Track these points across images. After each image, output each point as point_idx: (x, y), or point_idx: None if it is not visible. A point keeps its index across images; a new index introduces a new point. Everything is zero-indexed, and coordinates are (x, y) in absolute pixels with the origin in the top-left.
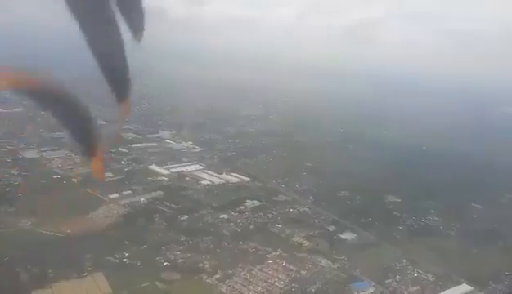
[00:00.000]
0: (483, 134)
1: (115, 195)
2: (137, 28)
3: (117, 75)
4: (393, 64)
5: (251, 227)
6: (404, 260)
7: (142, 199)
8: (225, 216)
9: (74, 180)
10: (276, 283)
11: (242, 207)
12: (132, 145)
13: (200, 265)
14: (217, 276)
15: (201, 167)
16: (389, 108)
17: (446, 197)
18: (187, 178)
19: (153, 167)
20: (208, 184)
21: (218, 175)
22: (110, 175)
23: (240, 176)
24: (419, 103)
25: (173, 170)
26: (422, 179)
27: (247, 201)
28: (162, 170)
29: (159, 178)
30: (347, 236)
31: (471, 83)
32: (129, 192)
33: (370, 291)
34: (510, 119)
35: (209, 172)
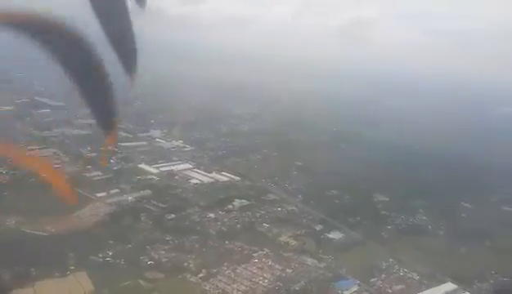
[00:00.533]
0: (479, 134)
1: (102, 194)
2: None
3: (124, 46)
4: (390, 65)
5: (238, 226)
6: (390, 259)
7: (130, 198)
8: (212, 215)
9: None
10: (261, 282)
11: (230, 206)
12: (122, 144)
13: (185, 263)
14: (201, 275)
15: (191, 166)
16: (385, 108)
17: (435, 196)
18: (176, 177)
19: (142, 165)
20: (197, 183)
21: (208, 174)
22: (99, 173)
23: (230, 175)
24: (416, 103)
25: (163, 169)
26: (413, 178)
27: (235, 200)
28: (151, 169)
29: (148, 177)
30: (334, 235)
31: (468, 83)
32: (117, 191)
33: (354, 289)
34: (507, 120)
35: (199, 171)
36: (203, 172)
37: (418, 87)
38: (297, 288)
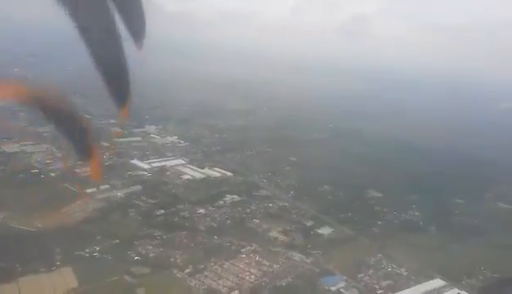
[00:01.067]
0: (477, 130)
1: (92, 190)
2: (138, 32)
3: (117, 81)
4: (388, 60)
5: (228, 222)
6: (379, 255)
7: (119, 194)
8: (202, 210)
9: (52, 174)
10: (247, 278)
11: (221, 202)
12: (116, 139)
13: (172, 259)
14: (188, 270)
15: (184, 162)
16: (383, 103)
17: (430, 192)
18: (168, 173)
19: (135, 161)
20: (188, 179)
21: (200, 170)
22: (89, 169)
23: (223, 171)
24: (414, 98)
25: (155, 164)
26: (407, 174)
27: (226, 196)
28: (143, 164)
29: (140, 173)
30: (324, 231)
31: (464, 79)
32: (107, 186)
33: (341, 285)
34: (503, 116)
35: (192, 167)
36: (195, 168)
37: (417, 82)
38: (283, 284)
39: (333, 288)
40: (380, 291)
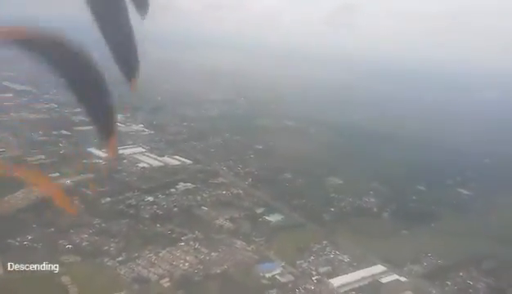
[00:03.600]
0: (452, 119)
1: None
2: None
3: (126, 54)
4: (375, 50)
5: (175, 210)
6: (324, 242)
7: (68, 181)
8: (150, 198)
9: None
10: (181, 265)
11: (172, 190)
12: (77, 128)
13: (106, 247)
14: (120, 258)
15: (143, 150)
16: (366, 94)
17: (392, 179)
18: (125, 161)
19: (91, 149)
20: (144, 167)
21: (159, 158)
22: (42, 157)
23: (182, 159)
24: (398, 89)
25: None
26: (374, 162)
27: (179, 183)
28: (100, 153)
29: (95, 161)
30: (273, 218)
31: (452, 67)
32: (57, 174)
33: (277, 271)
34: (485, 105)
35: (150, 155)
36: (154, 156)
37: (402, 72)
38: (218, 271)
39: (268, 275)
40: (316, 277)
